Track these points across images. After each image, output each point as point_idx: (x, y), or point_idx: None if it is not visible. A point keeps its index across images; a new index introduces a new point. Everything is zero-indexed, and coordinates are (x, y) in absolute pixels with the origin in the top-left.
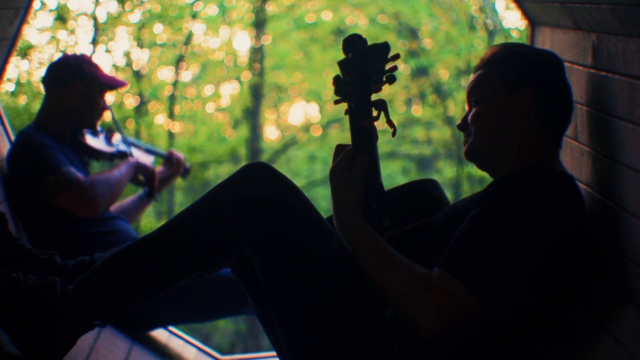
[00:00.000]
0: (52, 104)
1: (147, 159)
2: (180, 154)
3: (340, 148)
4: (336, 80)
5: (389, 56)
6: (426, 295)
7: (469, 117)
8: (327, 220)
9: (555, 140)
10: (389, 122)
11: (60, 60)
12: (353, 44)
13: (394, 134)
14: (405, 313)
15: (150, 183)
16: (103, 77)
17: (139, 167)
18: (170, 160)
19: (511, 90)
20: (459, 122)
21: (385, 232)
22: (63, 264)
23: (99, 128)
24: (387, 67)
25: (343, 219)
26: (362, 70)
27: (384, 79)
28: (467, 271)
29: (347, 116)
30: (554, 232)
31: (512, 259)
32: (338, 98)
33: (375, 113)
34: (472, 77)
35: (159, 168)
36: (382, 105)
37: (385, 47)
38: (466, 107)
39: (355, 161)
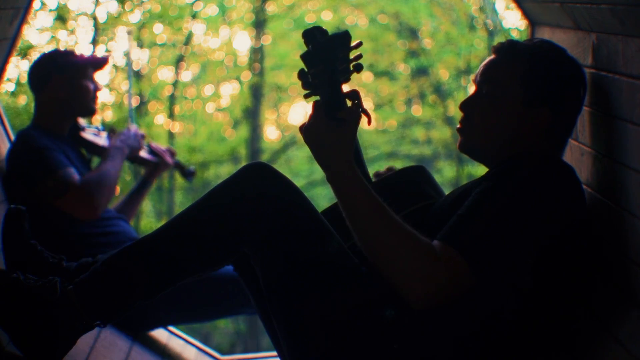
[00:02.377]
0: (43, 104)
1: (147, 156)
2: (161, 146)
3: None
4: (301, 74)
5: (351, 44)
6: (427, 264)
7: (477, 109)
8: (324, 214)
9: (559, 147)
10: (364, 111)
11: (34, 63)
12: (313, 35)
13: (369, 123)
14: (400, 278)
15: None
16: (79, 59)
17: (133, 155)
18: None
19: (527, 104)
20: (465, 99)
21: None
22: (65, 266)
23: (100, 127)
24: (352, 56)
25: (337, 169)
26: (325, 61)
27: (351, 68)
28: (467, 244)
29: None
30: (555, 212)
31: (512, 235)
32: (307, 92)
33: (349, 103)
34: (493, 56)
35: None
36: (355, 96)
37: (345, 35)
38: (474, 86)
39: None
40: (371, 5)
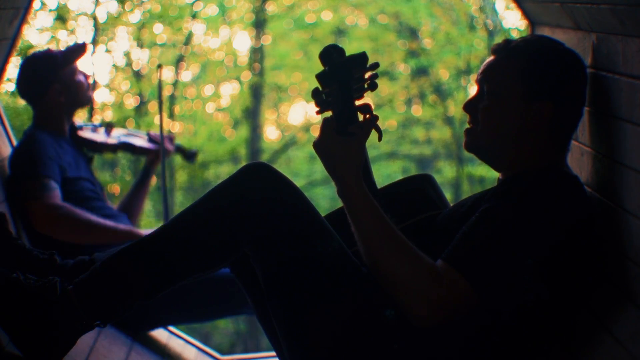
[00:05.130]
0: (43, 111)
1: (147, 144)
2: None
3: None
4: (315, 93)
5: (367, 65)
6: (430, 286)
7: (480, 109)
8: (327, 218)
9: (564, 144)
10: (375, 127)
11: (25, 77)
12: (330, 55)
13: (380, 138)
14: (404, 298)
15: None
16: (63, 59)
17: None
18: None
19: (528, 99)
20: (467, 100)
21: None
22: (62, 264)
23: (97, 124)
24: (367, 75)
25: (345, 182)
26: (340, 81)
27: (366, 87)
28: (471, 267)
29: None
30: (560, 235)
31: (516, 258)
32: (318, 109)
33: (361, 117)
34: (492, 57)
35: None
36: (367, 110)
37: (362, 57)
38: (476, 86)
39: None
40: (371, 5)
